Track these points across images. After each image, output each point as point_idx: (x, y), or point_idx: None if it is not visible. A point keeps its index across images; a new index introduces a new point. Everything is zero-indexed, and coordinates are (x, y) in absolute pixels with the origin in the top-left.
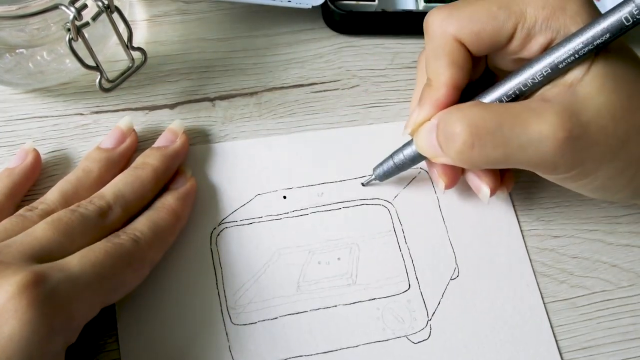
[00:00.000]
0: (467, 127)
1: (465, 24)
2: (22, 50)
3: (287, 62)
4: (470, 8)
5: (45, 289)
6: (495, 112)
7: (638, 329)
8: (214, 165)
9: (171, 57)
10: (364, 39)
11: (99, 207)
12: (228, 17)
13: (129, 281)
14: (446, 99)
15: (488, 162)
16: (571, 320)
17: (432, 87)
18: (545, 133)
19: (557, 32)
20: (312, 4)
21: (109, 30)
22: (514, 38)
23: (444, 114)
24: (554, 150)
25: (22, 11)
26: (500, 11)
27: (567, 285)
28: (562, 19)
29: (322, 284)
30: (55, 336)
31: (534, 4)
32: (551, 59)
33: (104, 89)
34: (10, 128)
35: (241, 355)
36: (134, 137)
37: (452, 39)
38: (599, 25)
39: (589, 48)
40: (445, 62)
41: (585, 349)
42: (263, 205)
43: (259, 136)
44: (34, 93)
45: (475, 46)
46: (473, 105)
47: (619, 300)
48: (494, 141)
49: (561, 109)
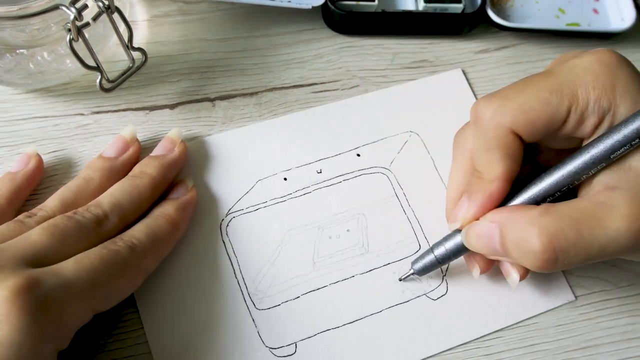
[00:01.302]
0: (549, 243)
1: (520, 114)
2: (22, 51)
3: (287, 63)
4: (522, 97)
5: (38, 294)
6: (571, 218)
7: (637, 329)
8: (211, 159)
9: (171, 58)
10: (364, 39)
11: (95, 215)
12: (228, 17)
13: (123, 289)
14: (500, 194)
15: (566, 267)
16: (571, 320)
17: (484, 180)
18: (623, 227)
19: (607, 111)
20: (312, 4)
21: (109, 31)
22: (568, 121)
23: (507, 222)
24: (632, 241)
25: (23, 11)
26: (552, 96)
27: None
28: (612, 97)
29: (337, 257)
30: (46, 342)
31: (584, 85)
32: (605, 151)
33: (105, 89)
34: (11, 128)
35: (271, 338)
36: (137, 146)
37: (506, 130)
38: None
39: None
40: (499, 155)
41: (584, 348)
42: (265, 190)
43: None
44: (34, 93)
45: (531, 135)
46: (544, 213)
47: (618, 300)
48: (576, 250)
49: (631, 196)
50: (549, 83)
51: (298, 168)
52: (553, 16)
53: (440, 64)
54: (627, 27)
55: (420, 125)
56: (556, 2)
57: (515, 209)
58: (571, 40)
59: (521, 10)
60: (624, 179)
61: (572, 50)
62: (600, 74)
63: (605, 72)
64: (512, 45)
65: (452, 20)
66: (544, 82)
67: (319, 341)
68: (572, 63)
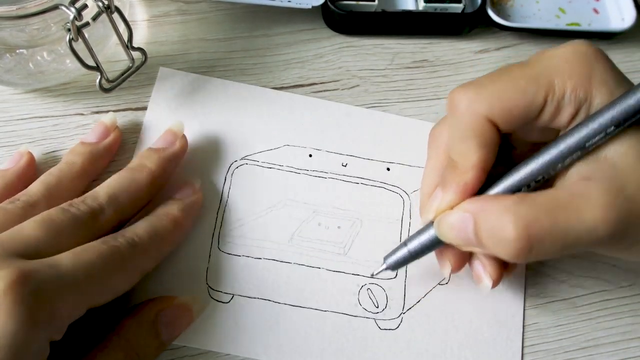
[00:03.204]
0: (524, 231)
1: (496, 103)
2: (22, 51)
3: (287, 62)
4: (498, 85)
5: (32, 285)
6: (547, 207)
7: (637, 329)
8: (256, 106)
9: (171, 57)
10: (364, 39)
11: (91, 208)
12: (228, 17)
13: (119, 285)
14: (475, 183)
15: (541, 257)
16: (571, 320)
17: (459, 169)
18: (599, 217)
19: (583, 102)
20: (312, 4)
21: (109, 31)
22: (544, 111)
23: (482, 211)
24: (608, 231)
25: (23, 11)
26: (529, 85)
27: (567, 285)
28: (588, 87)
29: (314, 244)
30: (38, 330)
31: (561, 74)
32: (580, 139)
33: (104, 89)
34: (10, 128)
35: (214, 280)
36: (117, 132)
37: (482, 118)
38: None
39: (620, 128)
40: (475, 143)
41: (585, 348)
42: (287, 156)
43: None
44: (34, 93)
45: (507, 123)
46: (519, 201)
47: (618, 300)
48: (552, 239)
49: (606, 187)
50: (526, 72)
51: (327, 152)
52: (553, 16)
53: (440, 64)
54: (627, 27)
55: None
56: (556, 2)
57: (489, 198)
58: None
59: (521, 10)
60: (600, 170)
61: None
62: (576, 64)
63: (582, 63)
64: (512, 45)
65: (452, 20)
66: (521, 71)
67: (255, 305)
68: (549, 53)
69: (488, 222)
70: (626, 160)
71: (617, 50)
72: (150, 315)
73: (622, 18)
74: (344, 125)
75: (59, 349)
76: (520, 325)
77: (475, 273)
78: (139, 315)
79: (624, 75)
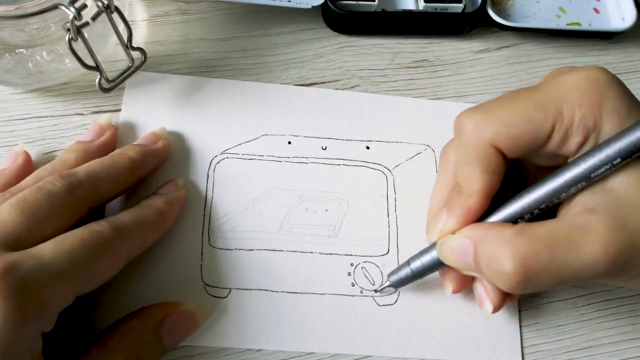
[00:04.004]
0: (521, 266)
1: (502, 129)
2: (21, 50)
3: (287, 62)
4: (506, 111)
5: (16, 278)
6: (545, 241)
7: (638, 329)
8: (229, 100)
9: (171, 57)
10: (364, 39)
11: (68, 182)
12: (228, 17)
13: (104, 271)
14: (478, 208)
15: (538, 290)
16: (571, 320)
17: (463, 193)
18: (598, 252)
19: (592, 130)
20: (312, 4)
21: (108, 30)
22: (552, 138)
23: (482, 240)
24: (608, 266)
25: (22, 11)
26: (536, 112)
27: (567, 285)
28: (597, 115)
29: (304, 229)
30: (28, 324)
31: (570, 103)
32: (586, 169)
33: (104, 89)
34: (10, 128)
35: (210, 276)
36: (113, 131)
37: (488, 145)
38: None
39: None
40: (479, 169)
41: (585, 349)
42: (267, 146)
43: None
44: (33, 93)
45: (512, 151)
46: (519, 234)
47: (618, 301)
48: (549, 273)
49: (608, 220)
50: (534, 99)
51: (306, 138)
52: (554, 16)
53: (440, 64)
54: (627, 27)
55: (439, 143)
56: (557, 1)
57: (490, 227)
58: (572, 40)
59: (522, 9)
60: (604, 202)
61: (572, 50)
62: (587, 92)
63: (593, 90)
64: (512, 45)
65: (452, 19)
66: (529, 97)
67: (253, 297)
68: (560, 79)
69: (487, 251)
70: (631, 193)
71: (617, 50)
72: (154, 320)
73: (622, 18)
74: (321, 109)
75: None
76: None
77: (477, 296)
78: (142, 318)
79: (637, 102)
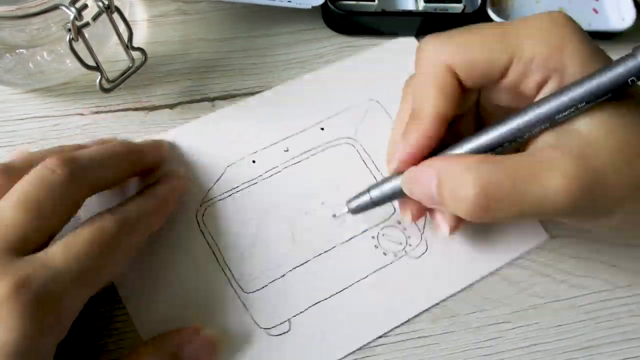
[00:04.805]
0: (482, 190)
1: (459, 52)
2: (22, 50)
3: (287, 62)
4: (465, 37)
5: (30, 292)
6: (508, 168)
7: (637, 329)
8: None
9: (171, 57)
10: (364, 39)
11: (69, 169)
12: (228, 17)
13: (112, 269)
14: (433, 131)
15: (498, 219)
16: (571, 320)
17: (418, 118)
18: (561, 186)
19: (553, 72)
20: (312, 4)
21: (109, 30)
22: (509, 72)
23: (447, 168)
24: (570, 201)
25: (23, 11)
26: (495, 42)
27: (567, 285)
28: (560, 57)
29: (315, 230)
30: (46, 336)
31: (532, 39)
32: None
33: (104, 89)
34: (10, 128)
35: (264, 319)
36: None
37: (443, 67)
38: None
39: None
40: (434, 91)
41: (585, 349)
42: (236, 175)
43: None
44: (34, 93)
45: (468, 76)
46: (481, 161)
47: (618, 300)
48: (510, 201)
49: (573, 157)
50: (496, 30)
51: (265, 149)
52: None
53: None
54: (627, 27)
55: (380, 92)
56: (556, 1)
57: (454, 157)
58: None
59: (521, 10)
60: (569, 141)
61: None
62: (551, 33)
63: (557, 32)
64: None
65: (452, 20)
66: (492, 28)
67: (311, 314)
68: (525, 18)
69: (451, 180)
70: (597, 134)
71: (617, 50)
72: (171, 346)
73: (622, 18)
74: (261, 117)
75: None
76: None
77: (434, 222)
78: (159, 343)
79: (598, 49)
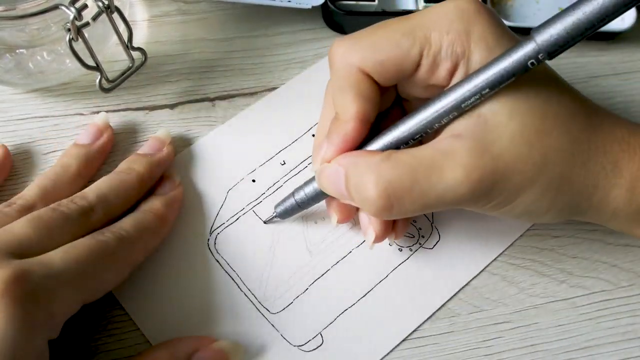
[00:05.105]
0: (383, 191)
1: (368, 54)
2: (22, 51)
3: (287, 62)
4: (373, 37)
5: (27, 286)
6: (409, 166)
7: (637, 329)
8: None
9: (171, 57)
10: None
11: (80, 206)
12: (228, 17)
13: (110, 279)
14: (355, 134)
15: (405, 215)
16: (571, 320)
17: (340, 120)
18: (460, 177)
19: (461, 58)
20: (312, 4)
21: (109, 30)
22: (421, 65)
23: (352, 166)
24: (471, 190)
25: (23, 11)
26: (403, 39)
27: (567, 285)
28: (466, 43)
29: (328, 239)
30: (37, 332)
31: (438, 29)
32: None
33: (104, 89)
34: (10, 128)
35: (296, 337)
36: (110, 132)
37: (356, 70)
38: (502, 65)
39: (495, 90)
40: (351, 95)
41: (585, 349)
42: (239, 197)
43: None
44: (34, 93)
45: (381, 76)
46: (383, 160)
47: (618, 300)
48: (412, 197)
49: (472, 144)
50: (402, 25)
51: (262, 166)
52: None
53: None
54: (627, 27)
55: None
56: (556, 1)
57: (361, 154)
58: None
59: (521, 10)
60: (471, 127)
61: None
62: (455, 19)
63: (461, 18)
64: None
65: None
66: (398, 24)
67: (341, 323)
68: (430, 9)
69: (355, 178)
70: (498, 118)
71: (617, 51)
72: (183, 352)
73: (622, 18)
74: (252, 134)
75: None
76: None
77: (362, 226)
78: (171, 348)
79: (507, 32)
